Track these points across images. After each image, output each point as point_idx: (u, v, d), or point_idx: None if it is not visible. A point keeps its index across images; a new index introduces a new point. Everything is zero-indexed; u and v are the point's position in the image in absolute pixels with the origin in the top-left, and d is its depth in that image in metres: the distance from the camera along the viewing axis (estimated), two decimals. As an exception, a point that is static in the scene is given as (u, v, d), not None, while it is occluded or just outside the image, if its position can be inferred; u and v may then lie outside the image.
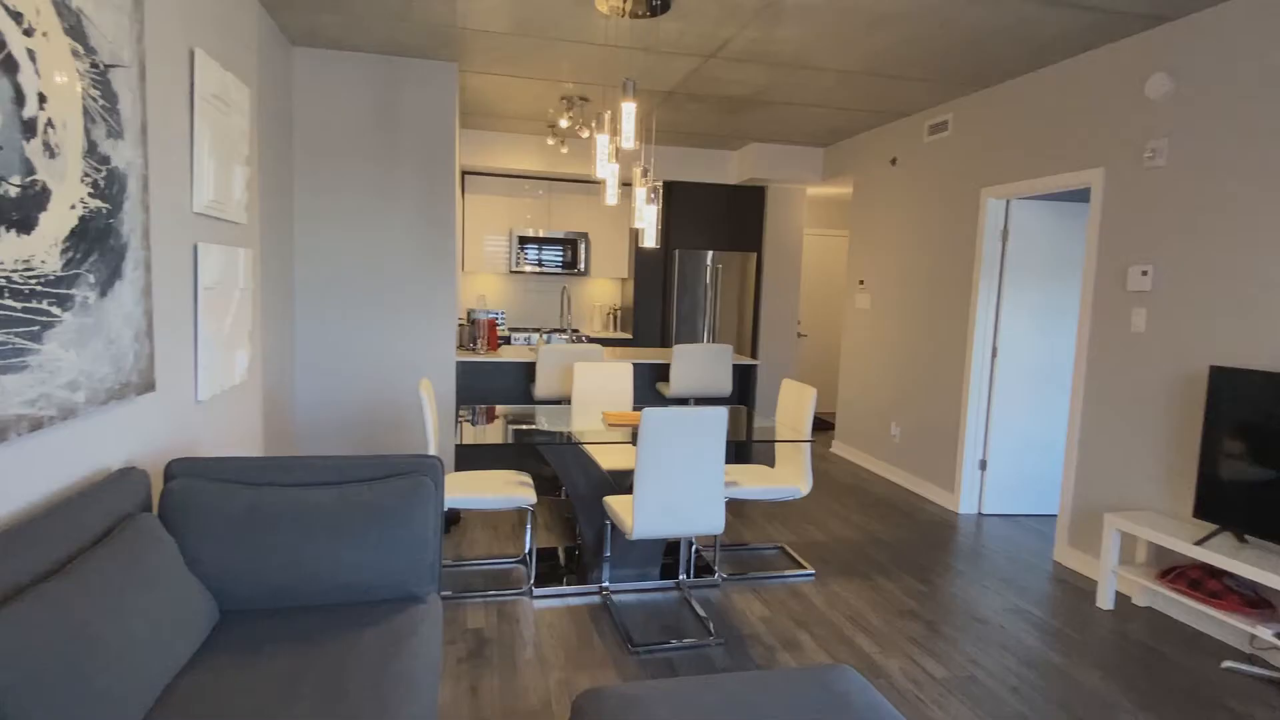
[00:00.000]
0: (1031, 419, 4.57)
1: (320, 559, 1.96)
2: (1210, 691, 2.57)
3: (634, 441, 3.01)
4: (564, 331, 6.35)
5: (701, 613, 3.04)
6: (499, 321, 6.81)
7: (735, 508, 4.52)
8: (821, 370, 8.13)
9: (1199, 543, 2.85)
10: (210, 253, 2.57)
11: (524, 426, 3.31)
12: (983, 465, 4.60)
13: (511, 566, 3.45)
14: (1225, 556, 2.73)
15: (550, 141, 5.53)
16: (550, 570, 3.40)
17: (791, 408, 3.67)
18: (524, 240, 6.70)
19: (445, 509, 3.04)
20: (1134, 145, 3.47)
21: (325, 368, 4.37)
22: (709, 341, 6.91)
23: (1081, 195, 4.54)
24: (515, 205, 6.73)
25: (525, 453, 5.02)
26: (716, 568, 3.50)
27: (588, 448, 3.44)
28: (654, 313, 6.93)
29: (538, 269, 6.77)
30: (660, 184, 6.78)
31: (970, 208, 4.59)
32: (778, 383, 7.17)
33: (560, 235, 6.79)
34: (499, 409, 3.75)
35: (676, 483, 2.75)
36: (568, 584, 3.24)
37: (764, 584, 3.38)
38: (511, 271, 6.71)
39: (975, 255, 4.52)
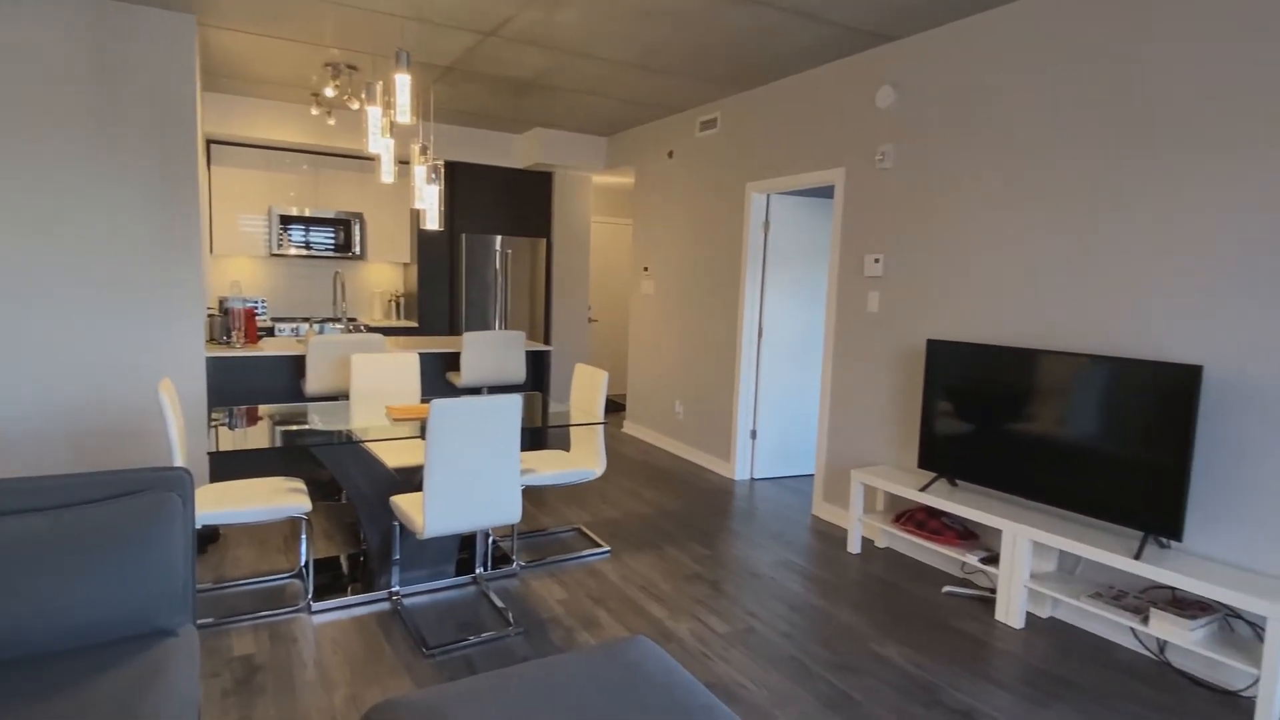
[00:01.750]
0: (793, 391, 5.10)
1: (35, 600, 1.62)
2: (935, 613, 3.08)
3: (423, 435, 2.87)
4: (339, 321, 5.86)
5: (500, 604, 3.00)
6: (259, 311, 6.11)
7: (532, 494, 4.52)
8: (613, 354, 8.38)
9: (922, 489, 3.38)
10: None
11: (294, 427, 3.01)
12: (753, 435, 5.05)
13: (285, 582, 3.14)
14: (941, 499, 3.27)
15: (315, 111, 5.04)
16: (332, 581, 3.14)
17: (585, 391, 3.74)
18: (287, 220, 6.05)
19: (198, 526, 2.67)
20: (867, 148, 3.98)
21: (31, 370, 3.61)
22: (500, 328, 6.79)
23: (828, 192, 5.12)
24: (275, 180, 6.05)
25: (297, 457, 4.58)
26: (515, 556, 3.47)
27: (371, 446, 3.23)
28: (441, 299, 6.65)
29: (305, 252, 6.16)
30: (441, 163, 6.49)
31: (738, 200, 4.98)
32: (571, 367, 7.27)
33: (330, 215, 6.23)
34: (262, 409, 3.37)
35: (470, 475, 2.67)
36: (352, 593, 3.02)
37: (562, 566, 3.42)
38: (273, 254, 6.04)
39: (742, 244, 4.92)
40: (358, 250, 6.38)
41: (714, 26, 3.67)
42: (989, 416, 3.20)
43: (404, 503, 2.84)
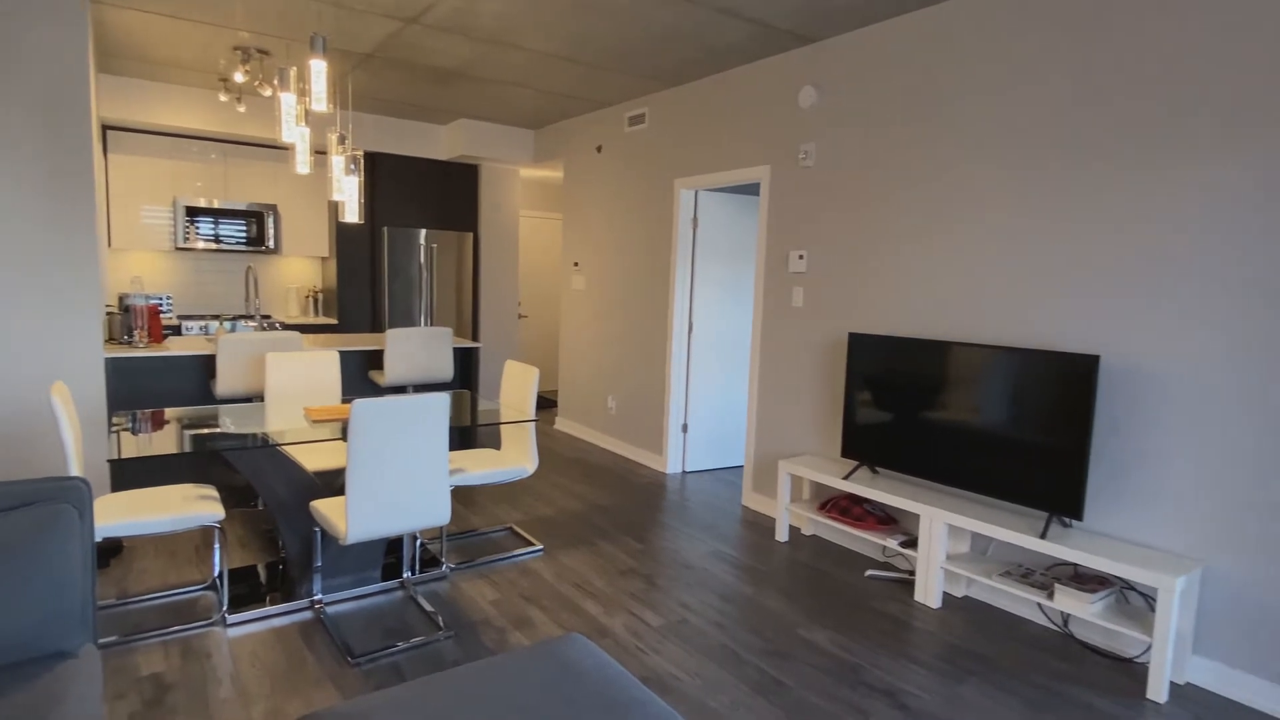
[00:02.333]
0: (723, 384, 5.18)
1: (-99, 630, 1.48)
2: (859, 597, 3.19)
3: (345, 437, 2.77)
4: (252, 318, 5.58)
5: (429, 608, 2.93)
6: (164, 308, 5.76)
7: (462, 495, 4.43)
8: (543, 350, 8.30)
9: (845, 478, 3.50)
10: None
11: (204, 431, 2.85)
12: (685, 428, 5.10)
13: (197, 594, 2.98)
14: (863, 486, 3.39)
15: (223, 98, 4.77)
16: (249, 592, 3.00)
17: (515, 388, 3.69)
18: (194, 211, 5.72)
19: (99, 539, 2.50)
20: (791, 147, 4.07)
21: (-103, 375, 3.28)
22: (426, 325, 6.62)
23: (755, 188, 5.22)
24: (181, 170, 5.70)
25: (209, 462, 4.34)
26: (444, 559, 3.40)
27: (288, 449, 3.09)
28: (362, 295, 6.43)
29: (214, 245, 5.84)
30: (361, 154, 6.26)
31: (666, 196, 5.01)
32: (501, 364, 7.16)
33: (241, 207, 5.92)
34: (169, 412, 3.18)
35: (396, 477, 2.60)
36: (271, 603, 2.89)
37: (494, 567, 3.37)
38: (179, 248, 5.69)
39: (672, 239, 4.95)
40: (271, 244, 6.09)
41: (640, 20, 3.67)
42: (906, 406, 3.33)
43: (325, 507, 2.73)
